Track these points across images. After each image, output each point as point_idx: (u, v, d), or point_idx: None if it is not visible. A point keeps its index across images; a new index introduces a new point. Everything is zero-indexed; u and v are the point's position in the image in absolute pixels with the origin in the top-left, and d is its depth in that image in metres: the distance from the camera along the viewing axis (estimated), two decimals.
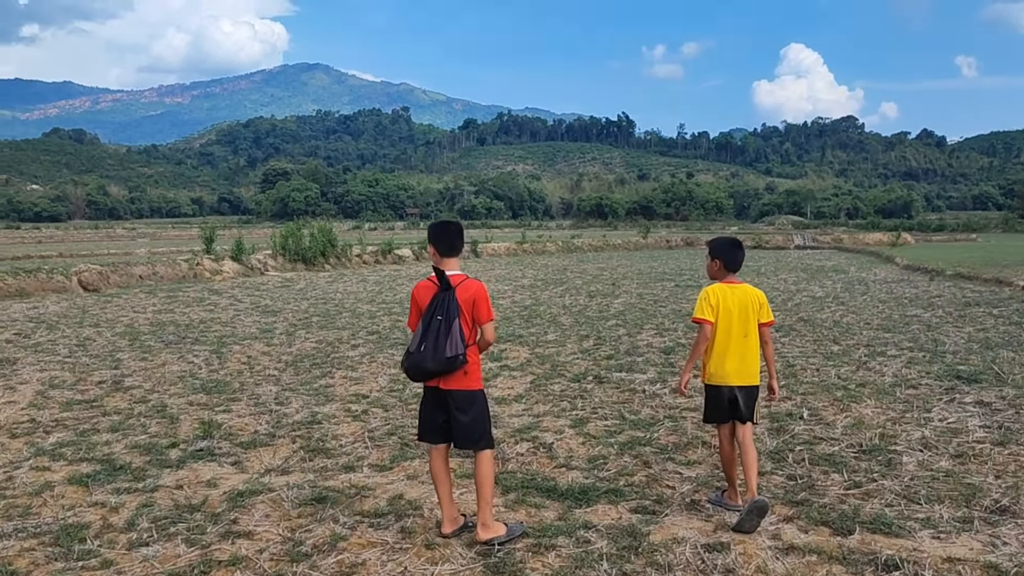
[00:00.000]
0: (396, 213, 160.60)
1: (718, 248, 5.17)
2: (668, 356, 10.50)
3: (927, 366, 9.46)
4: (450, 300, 4.45)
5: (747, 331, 4.95)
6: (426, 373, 4.50)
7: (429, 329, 4.44)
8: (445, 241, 4.68)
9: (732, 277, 5.11)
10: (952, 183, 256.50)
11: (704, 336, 5.00)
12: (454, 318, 4.43)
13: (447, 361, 4.41)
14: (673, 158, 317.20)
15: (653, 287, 21.13)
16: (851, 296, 18.24)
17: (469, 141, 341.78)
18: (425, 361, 4.42)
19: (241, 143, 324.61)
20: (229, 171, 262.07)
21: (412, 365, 4.51)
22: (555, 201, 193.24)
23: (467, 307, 4.53)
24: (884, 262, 30.88)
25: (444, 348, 4.39)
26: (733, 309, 4.96)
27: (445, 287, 4.48)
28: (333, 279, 24.99)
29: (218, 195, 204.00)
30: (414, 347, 4.49)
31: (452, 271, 4.60)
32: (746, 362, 4.98)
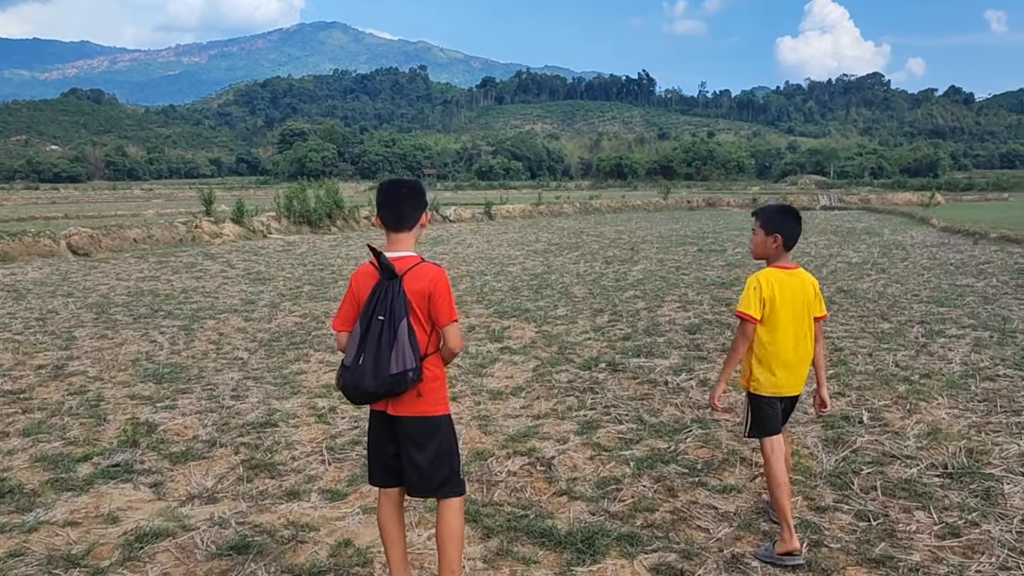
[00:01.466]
0: (413, 173, 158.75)
1: (775, 219, 3.96)
2: (693, 336, 9.16)
3: (998, 350, 8.09)
4: (395, 294, 3.21)
5: (806, 327, 3.88)
6: (366, 395, 3.28)
7: (368, 334, 3.21)
8: (390, 208, 3.38)
9: (786, 257, 3.97)
10: (980, 141, 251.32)
11: (745, 336, 3.88)
12: (401, 319, 3.19)
13: (392, 380, 3.19)
14: (694, 117, 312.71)
15: (674, 252, 19.71)
16: (891, 262, 16.76)
17: (487, 100, 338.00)
18: (363, 379, 3.21)
19: (259, 103, 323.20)
20: (247, 131, 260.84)
21: (351, 385, 3.28)
22: (574, 161, 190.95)
23: (419, 302, 3.27)
24: (919, 224, 29.21)
25: (388, 361, 3.17)
26: (791, 302, 3.85)
27: (388, 274, 3.23)
28: (337, 243, 23.75)
29: (236, 155, 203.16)
30: (350, 359, 3.27)
31: (401, 251, 3.35)
32: (804, 368, 3.93)
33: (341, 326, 3.38)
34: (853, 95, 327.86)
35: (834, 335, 9.04)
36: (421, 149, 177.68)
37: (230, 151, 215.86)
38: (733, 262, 17.04)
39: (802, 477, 4.80)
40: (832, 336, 8.96)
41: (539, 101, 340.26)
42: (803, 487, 4.67)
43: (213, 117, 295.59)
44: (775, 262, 3.95)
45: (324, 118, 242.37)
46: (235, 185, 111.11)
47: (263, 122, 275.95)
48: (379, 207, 3.39)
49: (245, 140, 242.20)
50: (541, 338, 9.19)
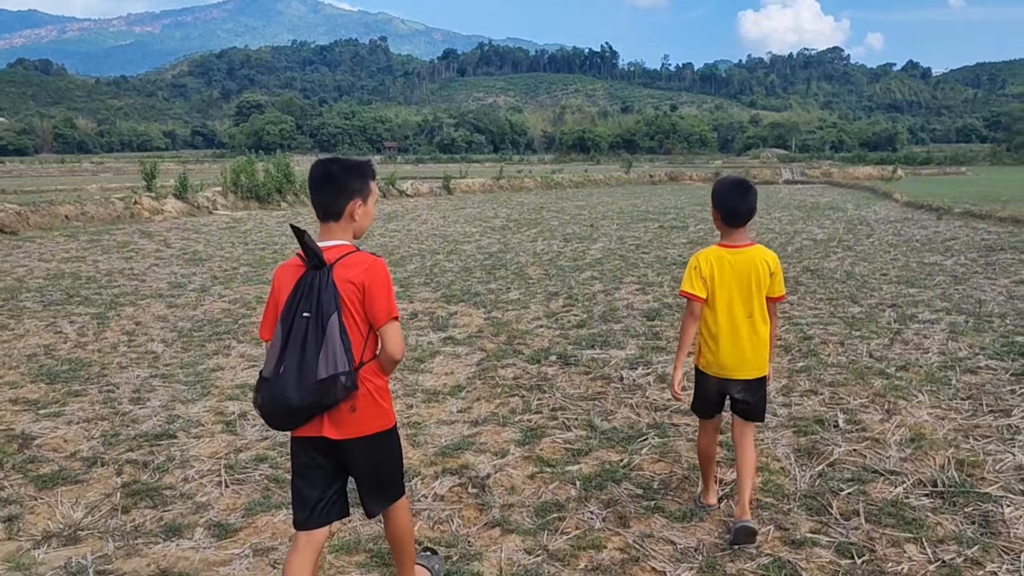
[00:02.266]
0: (373, 147, 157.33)
1: (716, 193, 3.82)
2: (652, 323, 8.49)
3: (976, 337, 7.53)
4: (323, 285, 2.68)
5: (752, 310, 3.72)
6: (291, 413, 2.69)
7: (291, 336, 2.68)
8: (314, 191, 2.86)
9: (736, 235, 3.77)
10: (936, 115, 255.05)
11: (692, 315, 3.81)
12: (331, 313, 2.66)
13: (319, 388, 2.63)
14: (657, 90, 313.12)
15: (635, 229, 19.07)
16: (856, 239, 16.29)
17: (449, 72, 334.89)
18: (285, 390, 2.64)
19: (214, 74, 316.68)
20: (202, 103, 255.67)
21: (269, 401, 2.70)
22: (537, 134, 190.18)
23: (352, 296, 2.74)
24: (882, 198, 28.92)
25: (314, 367, 2.63)
26: (731, 282, 3.71)
27: (314, 261, 2.71)
28: (286, 219, 22.73)
29: (191, 128, 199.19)
30: (269, 369, 2.71)
31: (332, 240, 2.84)
32: (754, 350, 3.76)
33: (268, 333, 2.81)
34: (814, 69, 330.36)
35: (803, 321, 8.45)
36: (382, 122, 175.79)
37: (185, 123, 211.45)
38: (695, 239, 16.44)
39: (774, 500, 4.15)
40: (801, 322, 8.36)
41: (502, 73, 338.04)
42: (775, 512, 4.02)
43: (167, 89, 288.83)
44: (722, 239, 3.80)
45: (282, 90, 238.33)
46: (190, 159, 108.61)
47: (219, 94, 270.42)
48: (310, 190, 2.88)
49: (200, 112, 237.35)
50: (489, 326, 8.46)
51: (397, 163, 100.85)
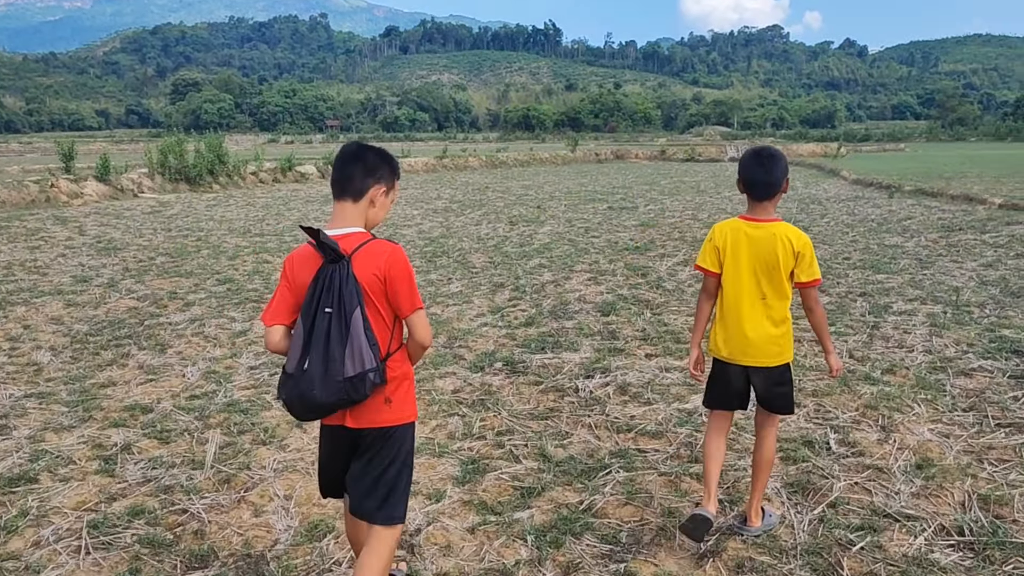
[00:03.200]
0: (315, 125, 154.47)
1: (740, 163, 3.50)
2: (607, 319, 7.70)
3: (959, 331, 6.91)
4: (343, 279, 2.61)
5: (765, 290, 3.41)
6: (318, 407, 2.66)
7: (315, 332, 2.62)
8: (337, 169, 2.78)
9: (758, 208, 3.44)
10: (873, 93, 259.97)
11: (706, 292, 3.60)
12: (353, 309, 2.61)
13: (348, 385, 2.60)
14: (600, 68, 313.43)
15: (583, 210, 18.29)
16: (811, 219, 15.75)
17: (392, 49, 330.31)
18: (312, 388, 2.60)
19: (149, 51, 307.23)
20: (136, 81, 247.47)
21: (296, 397, 2.66)
22: (481, 112, 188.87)
23: (374, 288, 2.68)
24: (829, 176, 28.64)
25: (340, 363, 2.59)
26: (745, 257, 3.41)
27: (331, 256, 2.62)
28: (216, 202, 21.44)
29: (125, 107, 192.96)
30: (293, 365, 2.66)
31: (346, 228, 2.73)
32: (761, 334, 3.42)
33: (272, 319, 2.75)
34: (754, 47, 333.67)
35: None
36: (323, 100, 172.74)
37: (119, 102, 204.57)
38: (646, 221, 15.73)
39: (770, 557, 3.38)
40: None
41: (445, 51, 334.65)
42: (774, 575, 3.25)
43: (99, 66, 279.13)
44: (747, 212, 3.48)
45: (220, 68, 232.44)
46: (124, 138, 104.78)
47: (154, 71, 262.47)
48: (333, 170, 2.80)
49: (135, 91, 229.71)
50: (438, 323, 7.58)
51: (339, 141, 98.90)
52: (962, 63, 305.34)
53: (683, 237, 13.48)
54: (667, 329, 7.23)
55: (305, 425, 5.01)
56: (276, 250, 12.57)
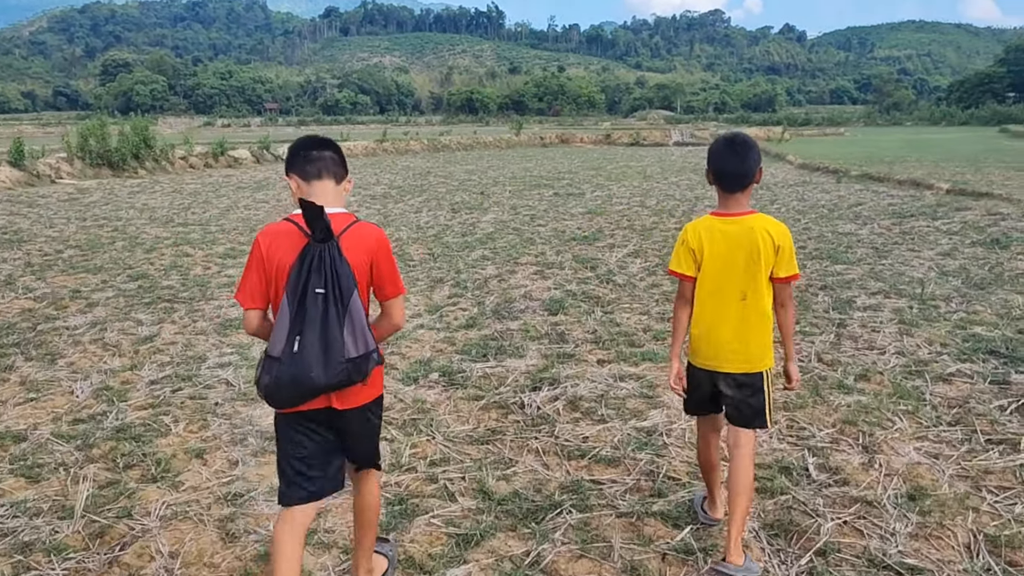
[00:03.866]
0: (253, 108, 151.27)
1: (709, 151, 3.27)
2: (556, 320, 7.09)
3: (930, 328, 6.47)
4: (336, 259, 2.50)
5: (746, 290, 3.14)
6: (313, 390, 2.53)
7: (305, 313, 2.48)
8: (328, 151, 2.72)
9: (731, 201, 3.21)
10: (811, 77, 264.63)
11: (682, 297, 3.32)
12: (351, 291, 2.52)
13: (352, 366, 2.53)
14: (544, 51, 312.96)
15: (529, 197, 17.67)
16: (760, 205, 15.37)
17: (332, 31, 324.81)
18: (309, 370, 2.47)
19: (77, 31, 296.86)
20: (64, 62, 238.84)
21: (289, 381, 2.49)
22: (424, 95, 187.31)
23: (361, 269, 2.61)
24: (775, 160, 28.44)
25: (342, 344, 2.50)
26: (722, 255, 3.15)
27: (322, 235, 2.50)
28: (140, 189, 20.27)
29: (53, 88, 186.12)
30: (279, 348, 2.49)
31: (330, 208, 2.59)
32: (742, 338, 3.17)
33: (252, 302, 2.64)
34: (696, 31, 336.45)
35: None
36: (261, 82, 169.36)
37: (46, 83, 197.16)
38: (594, 209, 15.17)
39: None
40: None
41: (387, 33, 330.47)
42: None
43: (24, 46, 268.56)
44: (718, 207, 3.26)
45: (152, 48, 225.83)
46: (51, 120, 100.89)
47: (83, 52, 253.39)
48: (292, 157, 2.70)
49: (63, 72, 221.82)
50: None
51: (278, 125, 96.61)
52: (896, 49, 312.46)
53: (632, 226, 12.95)
54: (620, 330, 6.65)
55: (207, 456, 4.31)
56: (199, 241, 11.69)
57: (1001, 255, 9.58)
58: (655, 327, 6.74)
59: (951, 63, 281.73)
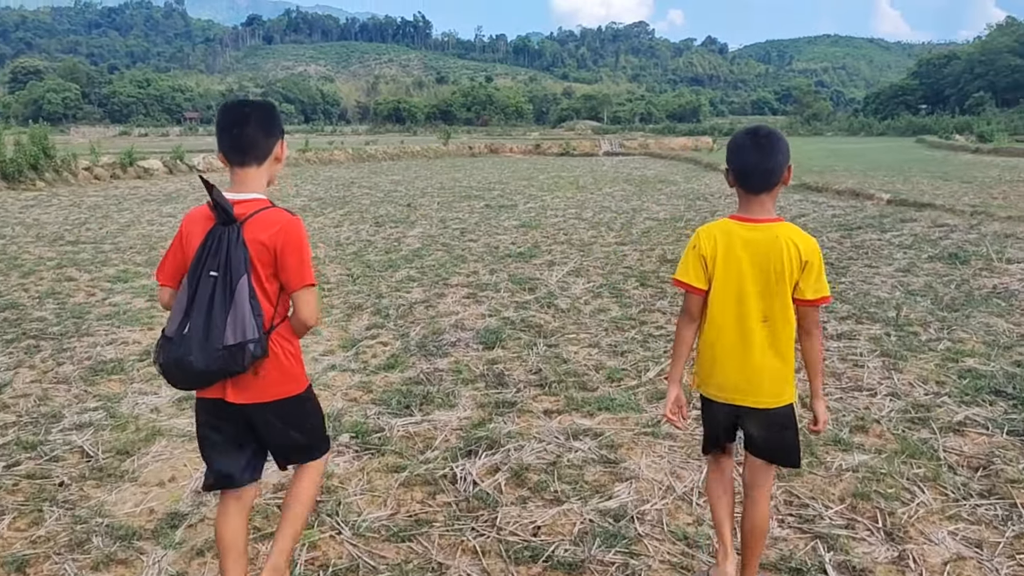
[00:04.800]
0: (172, 117, 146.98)
1: (729, 146, 2.80)
2: (493, 356, 6.10)
3: (916, 361, 5.70)
4: (232, 243, 2.46)
5: (768, 311, 2.65)
6: (194, 375, 2.50)
7: (197, 295, 2.48)
8: (231, 133, 2.59)
9: (754, 205, 2.71)
10: (734, 88, 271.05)
11: (688, 314, 2.80)
12: (240, 275, 2.46)
13: (227, 354, 2.45)
14: (471, 61, 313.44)
15: (458, 209, 16.67)
16: (700, 216, 14.70)
17: (255, 39, 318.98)
18: (189, 354, 2.46)
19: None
20: None
21: (171, 362, 2.51)
22: (351, 105, 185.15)
23: (263, 257, 2.52)
24: (707, 170, 28.06)
25: (221, 331, 2.45)
26: (743, 267, 2.66)
27: (223, 218, 2.49)
28: (36, 203, 18.57)
29: None
30: (172, 328, 2.52)
31: (246, 193, 2.58)
32: (767, 368, 2.67)
33: (166, 279, 2.67)
34: (622, 43, 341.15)
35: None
36: (181, 91, 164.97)
37: None
38: (528, 222, 14.26)
39: None
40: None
41: (312, 42, 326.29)
42: None
43: None
44: (739, 210, 2.76)
45: (65, 55, 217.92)
46: None
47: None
48: (218, 135, 2.62)
49: None
50: None
51: (199, 135, 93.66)
52: (814, 61, 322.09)
53: (570, 240, 12.08)
54: (567, 368, 5.70)
55: (29, 571, 3.18)
56: (88, 263, 10.35)
57: (963, 271, 8.99)
58: (608, 364, 5.82)
59: (865, 76, 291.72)
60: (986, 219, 12.76)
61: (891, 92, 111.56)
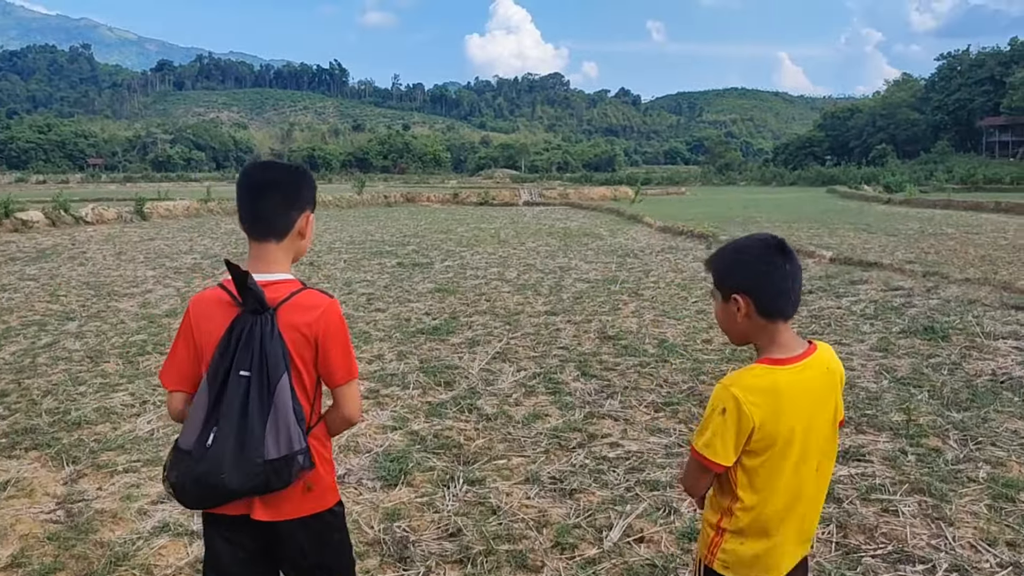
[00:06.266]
0: (75, 163, 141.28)
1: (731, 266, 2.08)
2: (394, 497, 4.44)
3: (960, 502, 4.30)
4: (266, 335, 2.05)
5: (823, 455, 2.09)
6: (223, 494, 2.06)
7: (224, 399, 2.04)
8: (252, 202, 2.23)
9: (786, 335, 2.05)
10: (647, 139, 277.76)
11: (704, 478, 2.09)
12: (280, 374, 2.05)
13: (269, 470, 2.04)
14: (388, 109, 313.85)
15: (367, 268, 14.98)
16: (635, 278, 13.38)
17: (165, 85, 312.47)
18: (219, 471, 2.01)
19: None
20: None
21: (191, 480, 2.06)
22: (265, 152, 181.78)
23: (301, 349, 2.13)
24: (631, 222, 27.06)
25: (261, 441, 2.03)
26: (801, 423, 1.99)
27: (254, 304, 2.07)
28: None
29: None
30: (191, 440, 2.07)
31: (272, 273, 2.19)
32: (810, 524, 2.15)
33: (177, 383, 2.20)
34: (538, 93, 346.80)
35: (642, 457, 4.81)
36: (84, 136, 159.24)
37: None
38: (445, 285, 12.66)
39: None
40: (640, 459, 4.71)
41: (224, 88, 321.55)
42: None
43: None
44: (765, 351, 2.03)
45: None
46: None
47: None
48: (238, 200, 2.24)
49: None
50: (67, 530, 3.96)
51: (101, 182, 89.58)
52: (723, 113, 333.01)
53: (493, 308, 10.54)
54: (498, 527, 4.08)
55: None
56: None
57: (948, 350, 7.78)
58: (553, 514, 4.23)
59: (771, 127, 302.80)
60: (941, 281, 11.79)
61: (799, 143, 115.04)
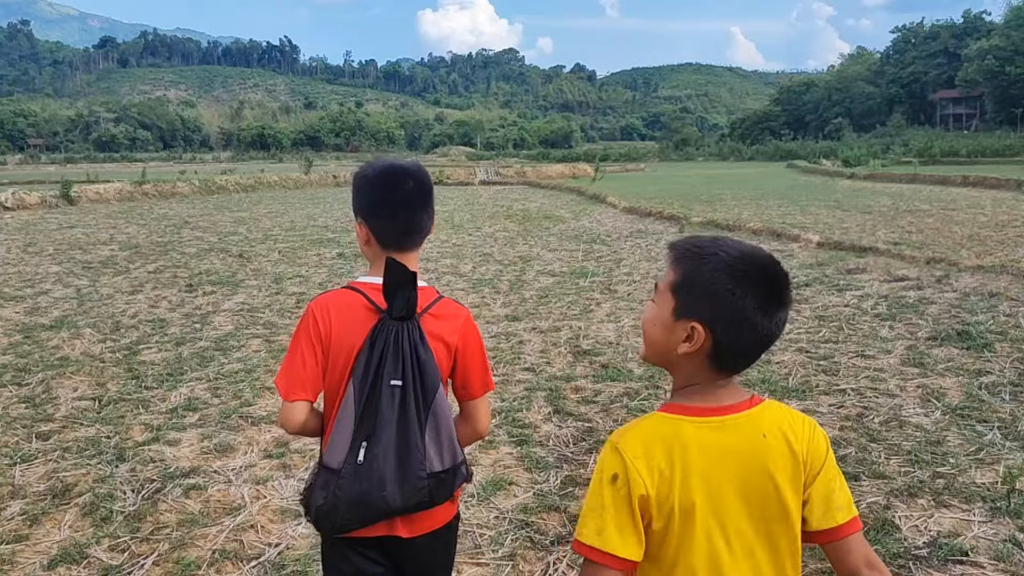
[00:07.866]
0: (14, 144, 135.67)
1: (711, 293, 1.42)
2: None
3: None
4: (416, 343, 1.90)
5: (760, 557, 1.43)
6: (381, 514, 1.90)
7: (377, 411, 1.87)
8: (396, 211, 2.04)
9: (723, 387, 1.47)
10: (603, 115, 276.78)
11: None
12: (436, 384, 1.93)
13: (435, 482, 1.93)
14: (341, 86, 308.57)
15: (304, 260, 13.30)
16: (605, 268, 11.89)
17: (108, 62, 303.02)
18: (382, 488, 1.87)
19: None
20: None
21: (353, 502, 1.87)
22: (213, 131, 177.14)
23: (443, 358, 1.97)
24: (594, 202, 25.57)
25: (421, 454, 1.90)
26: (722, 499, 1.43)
27: (401, 311, 1.90)
28: None
29: None
30: (339, 458, 1.88)
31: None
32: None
33: (300, 392, 1.92)
34: (493, 69, 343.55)
35: None
36: (24, 116, 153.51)
37: None
38: None
39: None
40: None
41: (171, 65, 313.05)
42: None
43: None
44: (685, 394, 1.50)
45: None
46: None
47: None
48: (372, 211, 2.06)
49: None
50: None
51: (41, 163, 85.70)
52: (678, 89, 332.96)
53: None
54: None
55: None
56: None
57: (998, 364, 6.40)
58: None
59: (726, 103, 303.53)
60: (950, 269, 10.49)
61: (756, 118, 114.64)
